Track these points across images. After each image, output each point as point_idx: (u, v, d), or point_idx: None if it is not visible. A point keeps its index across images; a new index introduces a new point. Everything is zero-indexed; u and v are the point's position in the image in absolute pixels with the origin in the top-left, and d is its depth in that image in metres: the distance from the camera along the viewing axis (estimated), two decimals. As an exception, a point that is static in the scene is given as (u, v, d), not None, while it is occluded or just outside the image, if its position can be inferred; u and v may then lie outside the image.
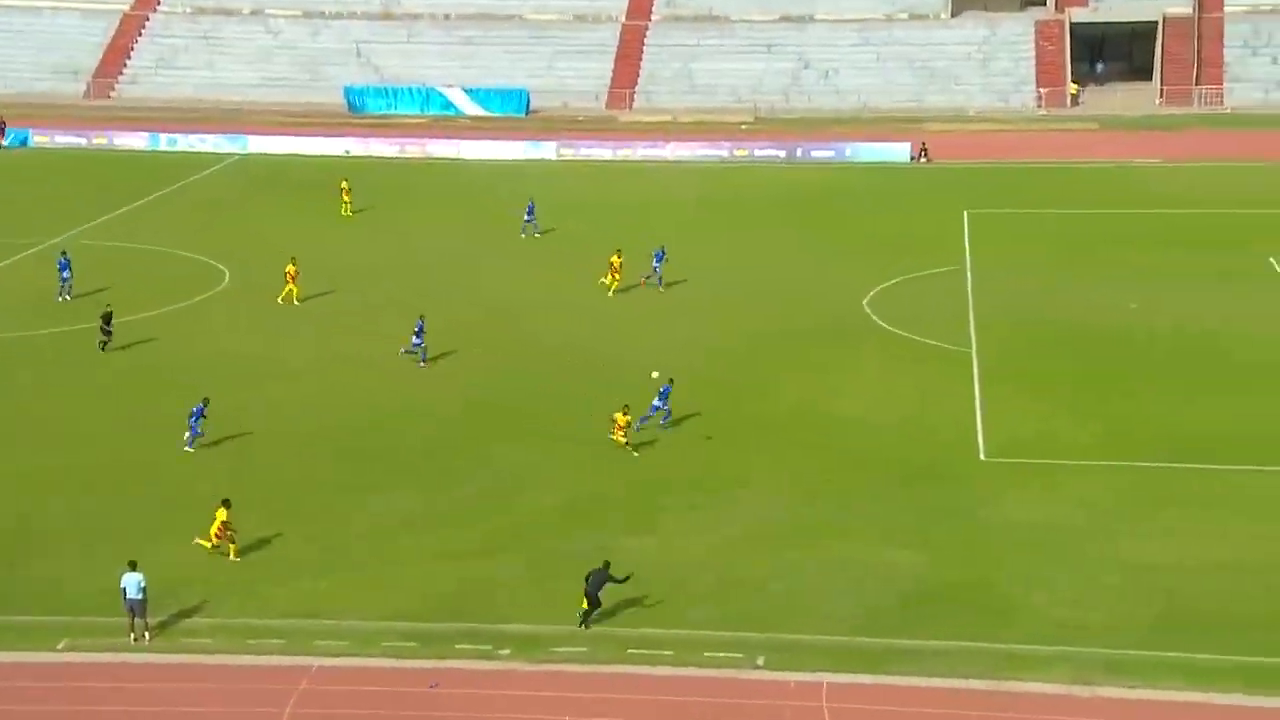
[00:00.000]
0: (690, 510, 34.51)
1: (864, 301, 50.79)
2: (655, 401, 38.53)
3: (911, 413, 40.40)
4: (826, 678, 27.39)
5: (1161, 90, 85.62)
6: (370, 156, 77.03)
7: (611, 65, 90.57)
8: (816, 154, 75.74)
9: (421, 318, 44.44)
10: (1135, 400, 40.71)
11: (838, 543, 32.60)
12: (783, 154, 75.86)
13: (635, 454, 36.54)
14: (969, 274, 53.58)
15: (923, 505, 34.46)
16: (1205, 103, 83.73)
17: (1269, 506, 33.69)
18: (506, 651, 28.38)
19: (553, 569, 31.57)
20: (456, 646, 28.58)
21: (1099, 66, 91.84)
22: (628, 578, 29.34)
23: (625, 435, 36.82)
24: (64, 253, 52.54)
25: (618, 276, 51.10)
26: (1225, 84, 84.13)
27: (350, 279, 53.66)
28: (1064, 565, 31.21)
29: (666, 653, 28.26)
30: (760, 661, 27.97)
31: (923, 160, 74.47)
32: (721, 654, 28.19)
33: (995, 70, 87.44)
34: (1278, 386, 41.32)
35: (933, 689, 26.99)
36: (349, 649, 28.46)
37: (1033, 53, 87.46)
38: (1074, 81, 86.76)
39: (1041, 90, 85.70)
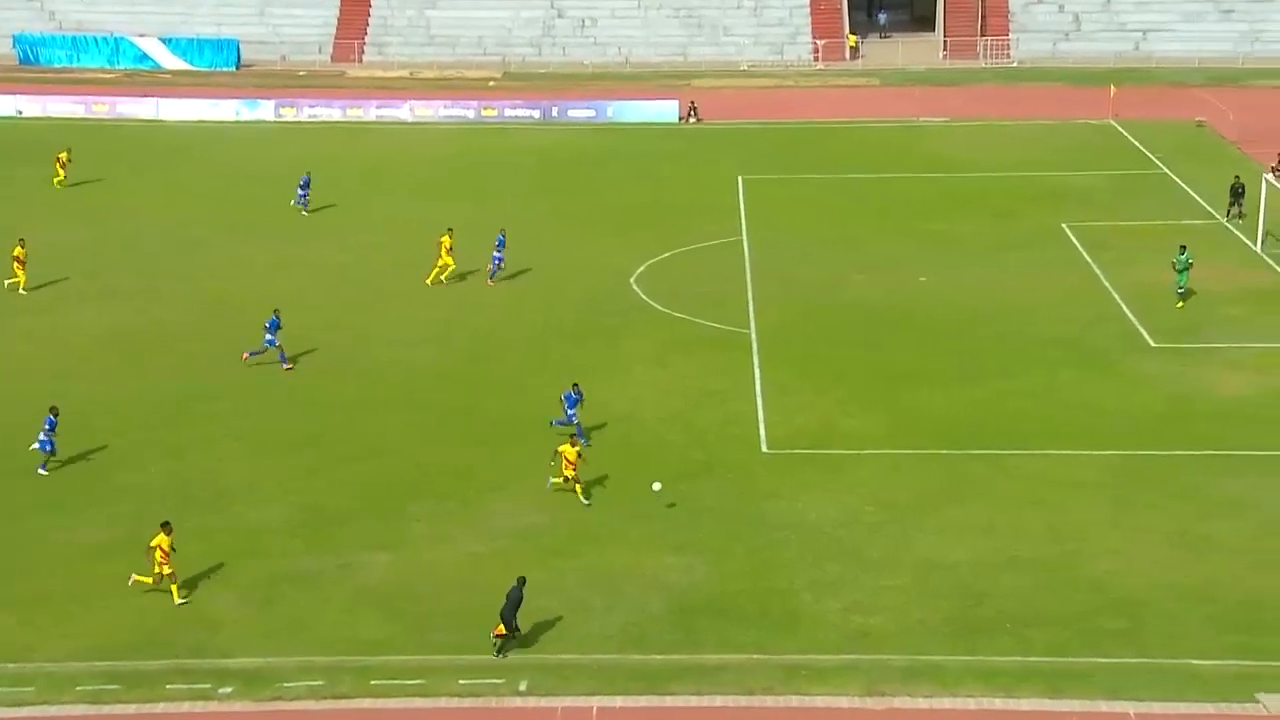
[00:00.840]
0: (440, 520, 34.36)
1: (632, 279, 51.36)
2: (569, 411, 37.50)
3: (686, 403, 41.08)
4: (597, 701, 27.64)
5: (945, 42, 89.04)
6: (48, 118, 73.89)
7: (336, 12, 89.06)
8: (574, 114, 76.07)
9: (276, 313, 43.37)
10: (926, 382, 42.35)
11: (606, 550, 32.93)
12: (537, 114, 75.94)
13: (587, 501, 34.37)
14: (746, 246, 54.78)
15: (700, 505, 35.10)
16: (991, 55, 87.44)
17: (1068, 494, 35.51)
18: (228, 690, 27.77)
19: (280, 593, 30.99)
20: (168, 687, 27.81)
21: (879, 16, 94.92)
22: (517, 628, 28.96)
23: (573, 473, 34.25)
24: None
25: (449, 261, 50.11)
26: (1011, 34, 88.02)
27: (72, 264, 51.54)
28: (854, 566, 32.25)
29: (417, 682, 28.08)
30: (522, 687, 28.06)
31: (692, 120, 75.63)
32: (479, 680, 28.16)
33: (768, 20, 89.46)
34: (1076, 361, 43.61)
35: (714, 708, 27.53)
36: (36, 696, 27.39)
37: (807, 1, 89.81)
38: (852, 33, 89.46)
39: (818, 42, 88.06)
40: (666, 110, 76.09)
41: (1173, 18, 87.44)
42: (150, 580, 30.53)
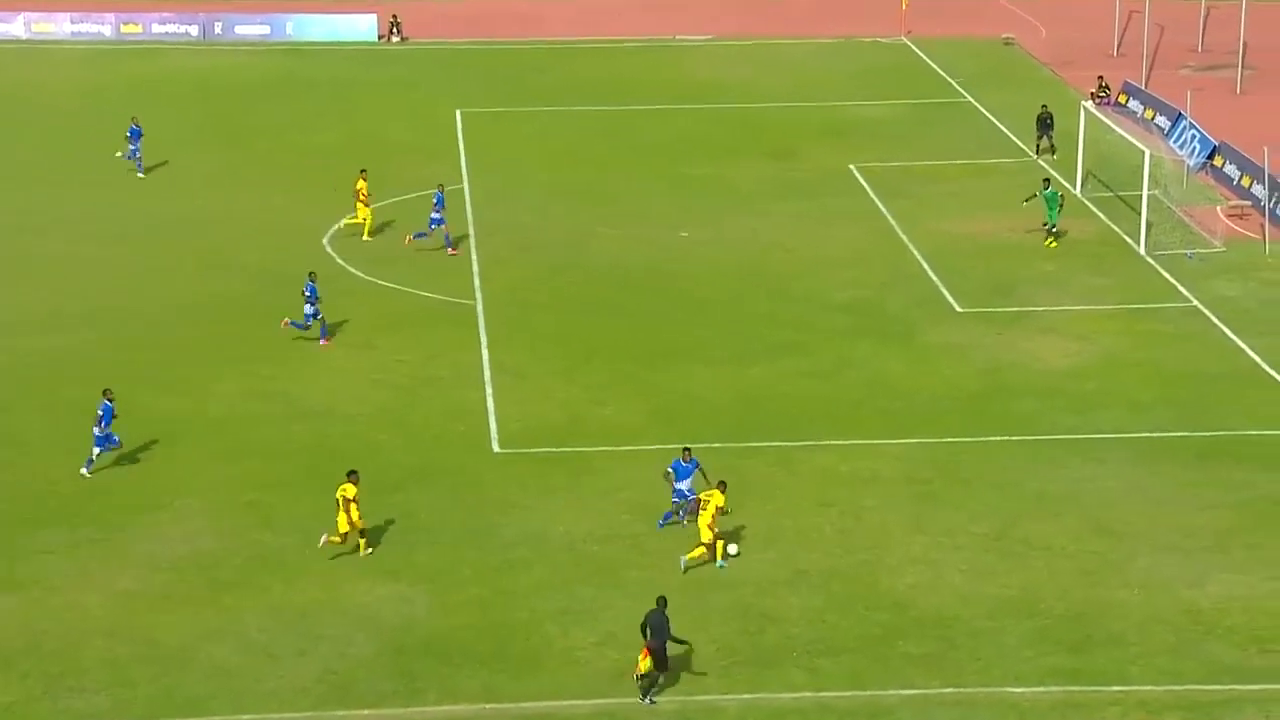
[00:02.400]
0: (77, 551, 33.57)
1: (324, 240, 50.83)
2: (680, 487, 34.52)
3: (397, 394, 40.88)
4: (292, 773, 27.47)
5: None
6: None
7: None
8: (243, 30, 74.93)
9: (311, 276, 42.99)
10: (694, 361, 42.93)
11: (297, 582, 32.58)
12: (194, 30, 74.57)
13: (723, 564, 33.01)
14: (468, 197, 54.72)
15: (417, 520, 34.98)
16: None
17: (863, 492, 36.40)
18: None
19: None
20: None
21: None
22: (684, 641, 29.33)
23: (712, 534, 33.02)
24: None
25: (367, 212, 50.27)
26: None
27: None
28: (611, 589, 32.55)
29: (55, 761, 27.43)
30: (196, 760, 27.66)
31: (394, 39, 75.12)
32: (138, 755, 27.70)
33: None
34: (870, 331, 44.75)
35: (441, 773, 27.58)
36: None
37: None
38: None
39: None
40: (362, 27, 75.43)
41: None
42: (337, 538, 32.92)
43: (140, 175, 56.11)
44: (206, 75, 68.94)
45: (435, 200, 49.78)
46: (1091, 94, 63.15)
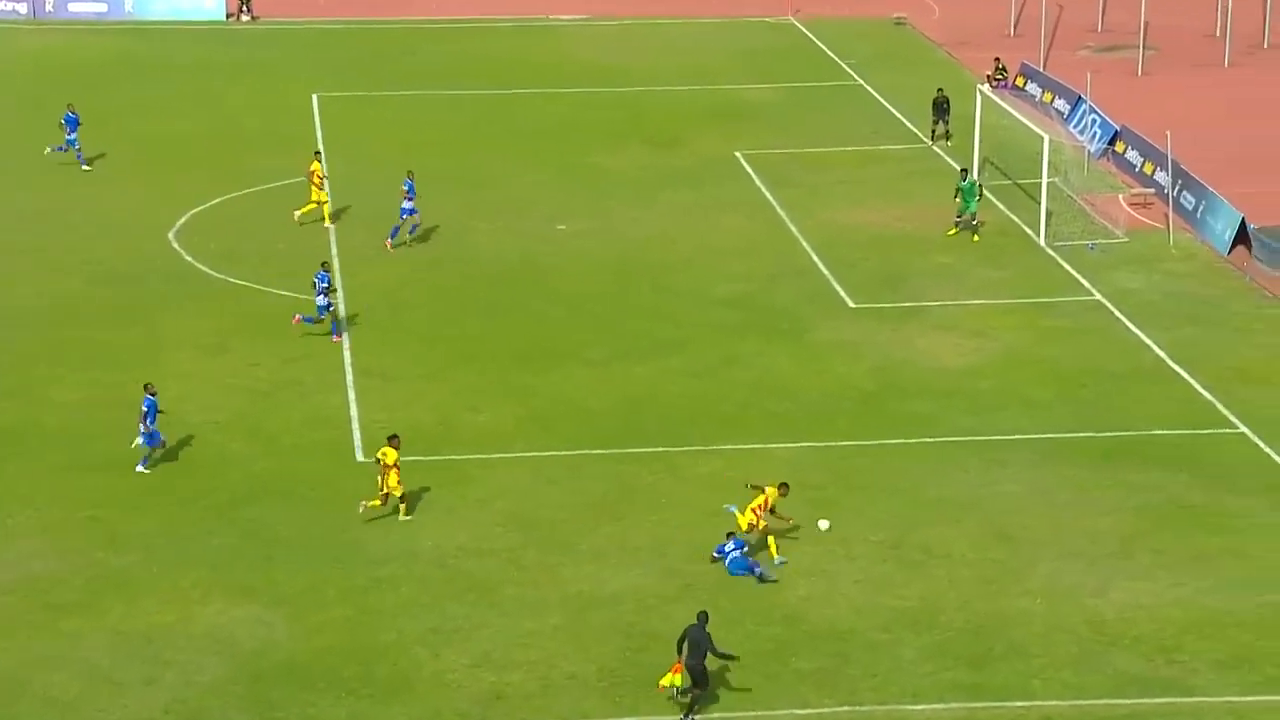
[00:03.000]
0: (-95, 575, 33.07)
1: (170, 234, 50.38)
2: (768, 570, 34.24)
3: (252, 400, 40.62)
4: (141, 811, 27.15)
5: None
6: None
7: None
8: (77, 9, 74.24)
9: (325, 268, 43.92)
10: (571, 362, 42.96)
11: (142, 603, 32.29)
12: (23, 9, 73.79)
13: (782, 559, 33.71)
14: (326, 186, 54.34)
15: (274, 535, 34.80)
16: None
17: (751, 497, 36.48)
18: None
19: None
20: None
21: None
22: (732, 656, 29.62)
23: (762, 519, 34.00)
24: None
25: (324, 197, 50.47)
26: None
27: None
28: (485, 607, 32.49)
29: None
30: (36, 799, 27.29)
31: (245, 18, 74.61)
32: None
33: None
34: (757, 327, 44.94)
35: (303, 808, 27.41)
36: None
37: None
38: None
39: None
40: (208, 5, 74.86)
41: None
42: (377, 502, 34.84)
43: (85, 168, 55.21)
44: (37, 56, 68.12)
45: (406, 188, 49.29)
46: (988, 76, 63.80)
